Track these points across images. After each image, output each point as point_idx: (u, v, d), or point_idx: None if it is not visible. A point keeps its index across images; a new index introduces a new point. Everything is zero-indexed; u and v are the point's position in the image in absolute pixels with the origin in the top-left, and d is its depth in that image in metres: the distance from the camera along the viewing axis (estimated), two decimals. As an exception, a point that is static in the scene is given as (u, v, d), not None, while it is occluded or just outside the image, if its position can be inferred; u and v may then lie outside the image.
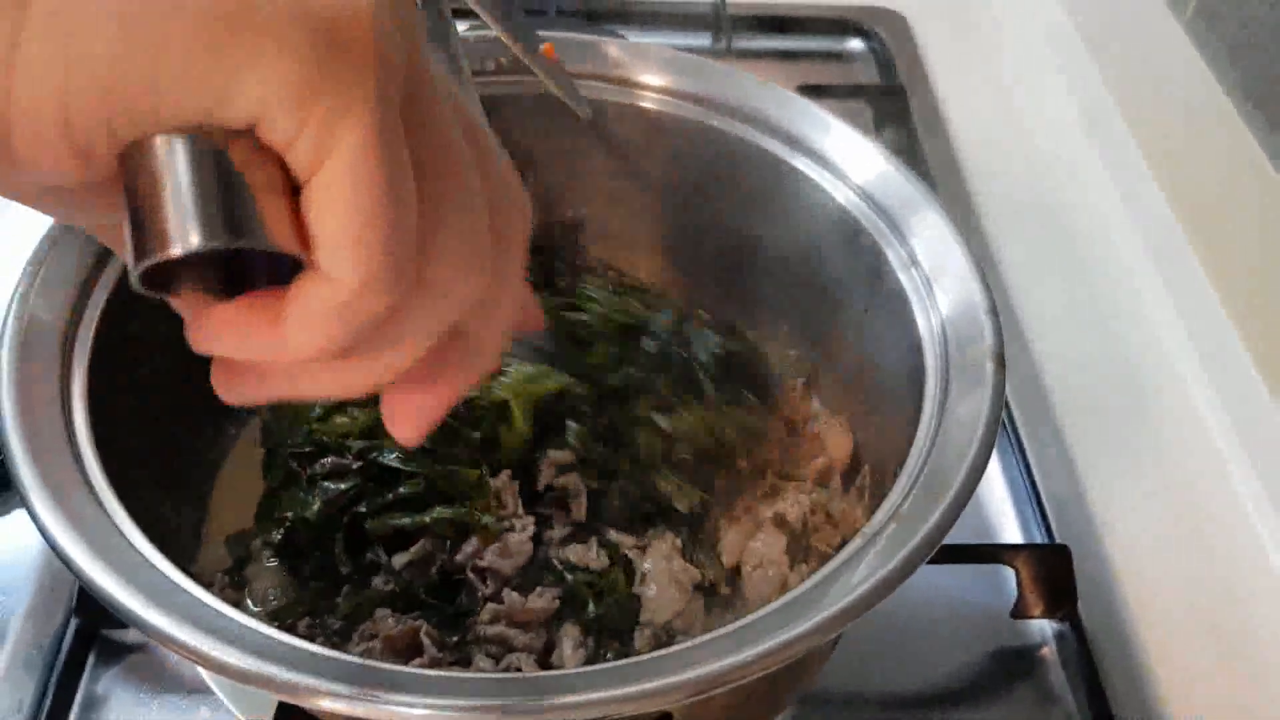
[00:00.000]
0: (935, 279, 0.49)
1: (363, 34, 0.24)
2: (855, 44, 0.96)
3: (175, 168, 0.23)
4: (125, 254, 0.24)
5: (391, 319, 0.26)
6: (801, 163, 0.55)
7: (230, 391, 0.29)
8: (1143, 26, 0.85)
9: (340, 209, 0.24)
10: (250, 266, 0.27)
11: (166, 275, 0.25)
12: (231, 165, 0.24)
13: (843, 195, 0.54)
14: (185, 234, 0.23)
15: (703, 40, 0.93)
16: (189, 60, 0.23)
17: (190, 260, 0.24)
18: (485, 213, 0.27)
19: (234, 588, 0.51)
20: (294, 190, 0.25)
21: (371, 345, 0.27)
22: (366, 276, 0.25)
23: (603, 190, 0.61)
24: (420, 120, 0.25)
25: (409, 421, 0.31)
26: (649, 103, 0.58)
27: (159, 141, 0.23)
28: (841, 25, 0.96)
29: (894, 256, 0.51)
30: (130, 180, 0.24)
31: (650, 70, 0.58)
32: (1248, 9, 0.76)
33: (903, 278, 0.50)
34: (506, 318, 0.30)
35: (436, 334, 0.28)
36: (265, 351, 0.26)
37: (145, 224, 0.24)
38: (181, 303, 0.27)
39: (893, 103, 0.87)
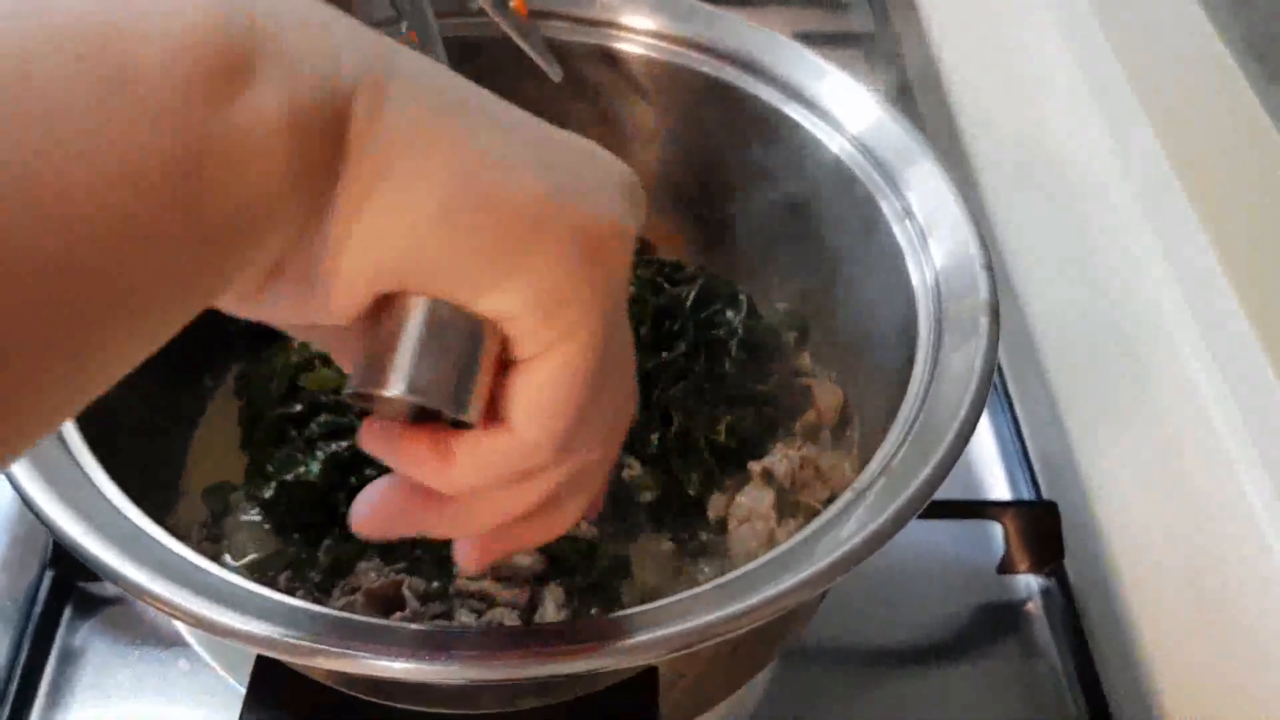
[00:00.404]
0: (930, 232, 0.49)
1: (617, 252, 0.28)
2: (850, -10, 0.95)
3: (417, 324, 0.27)
4: (353, 369, 0.29)
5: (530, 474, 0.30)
6: (795, 111, 0.54)
7: (375, 526, 0.32)
8: (1141, -23, 0.84)
9: (541, 399, 0.28)
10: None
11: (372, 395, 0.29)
12: (463, 337, 0.27)
13: (837, 145, 0.53)
14: (403, 383, 0.27)
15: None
16: (482, 258, 0.26)
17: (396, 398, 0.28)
18: (622, 406, 0.32)
19: (211, 540, 0.50)
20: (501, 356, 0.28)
21: (503, 492, 0.31)
22: (542, 443, 0.29)
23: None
24: (618, 326, 0.29)
25: (480, 555, 0.34)
26: (637, 47, 0.57)
27: (413, 300, 0.27)
28: (836, -29, 0.95)
29: (888, 208, 0.50)
30: (378, 317, 0.28)
31: (639, 13, 0.57)
32: (1248, -40, 0.75)
33: (897, 230, 0.50)
34: (595, 495, 0.34)
35: (552, 494, 0.31)
36: (430, 477, 0.30)
37: (377, 359, 0.28)
38: (375, 414, 0.31)
39: (887, 52, 0.86)
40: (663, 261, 0.59)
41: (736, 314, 0.56)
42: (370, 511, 0.32)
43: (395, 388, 0.27)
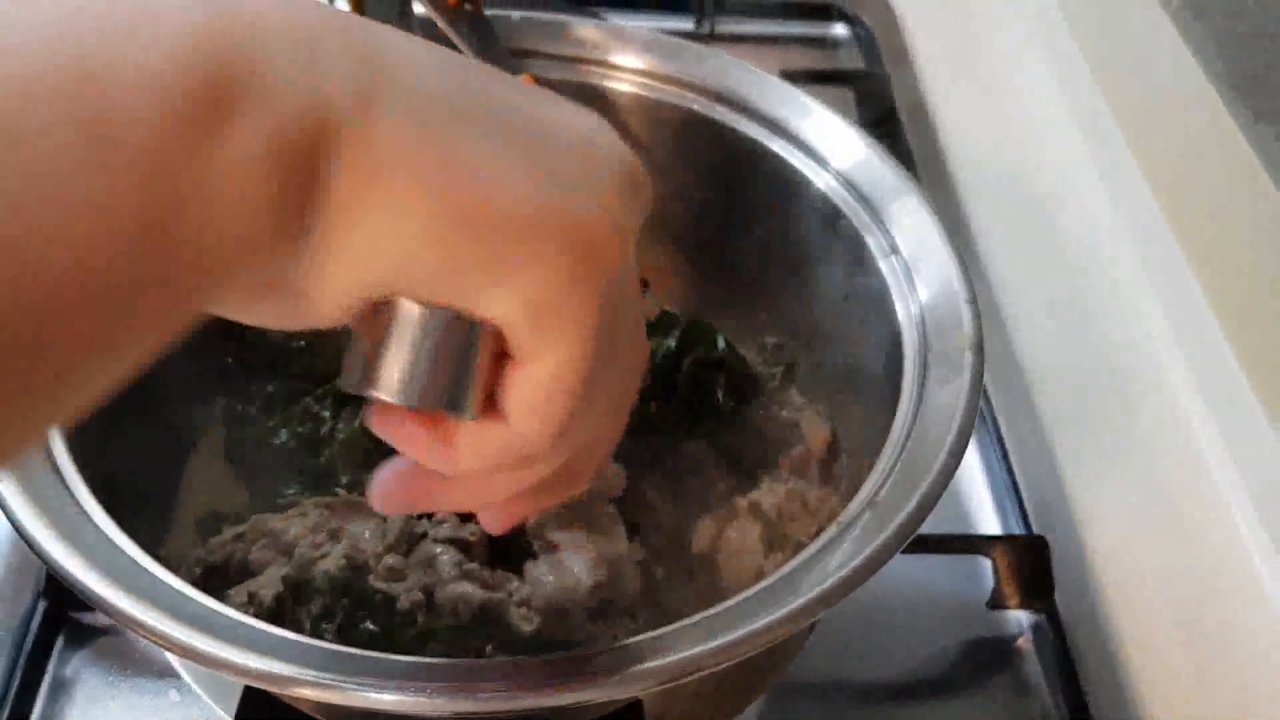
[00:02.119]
0: (915, 267, 0.49)
1: (612, 252, 0.28)
2: (840, 30, 0.96)
3: (410, 329, 0.27)
4: (345, 369, 0.29)
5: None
6: (781, 147, 0.55)
7: (393, 504, 0.34)
8: (1129, 17, 0.85)
9: (537, 399, 0.29)
10: None
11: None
12: (456, 340, 0.28)
13: (823, 181, 0.53)
14: (396, 388, 0.28)
15: (685, 23, 0.92)
16: (472, 267, 0.26)
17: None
18: (634, 384, 0.33)
19: (203, 571, 0.50)
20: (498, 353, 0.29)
21: (506, 472, 0.32)
22: (541, 435, 0.29)
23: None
24: (621, 321, 0.29)
25: (500, 521, 0.36)
26: (626, 85, 0.57)
27: (406, 304, 0.27)
28: (826, 10, 0.96)
29: (874, 244, 0.51)
30: (373, 318, 0.28)
31: (628, 52, 0.57)
32: (1235, 0, 0.76)
33: (883, 266, 0.50)
34: (606, 456, 0.35)
35: (560, 465, 0.32)
36: (433, 462, 0.31)
37: (370, 362, 0.28)
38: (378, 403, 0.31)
39: (876, 90, 0.87)
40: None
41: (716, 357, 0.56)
42: (385, 491, 0.34)
43: (387, 392, 0.28)
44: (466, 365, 0.28)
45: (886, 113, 0.85)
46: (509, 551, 0.50)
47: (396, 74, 0.26)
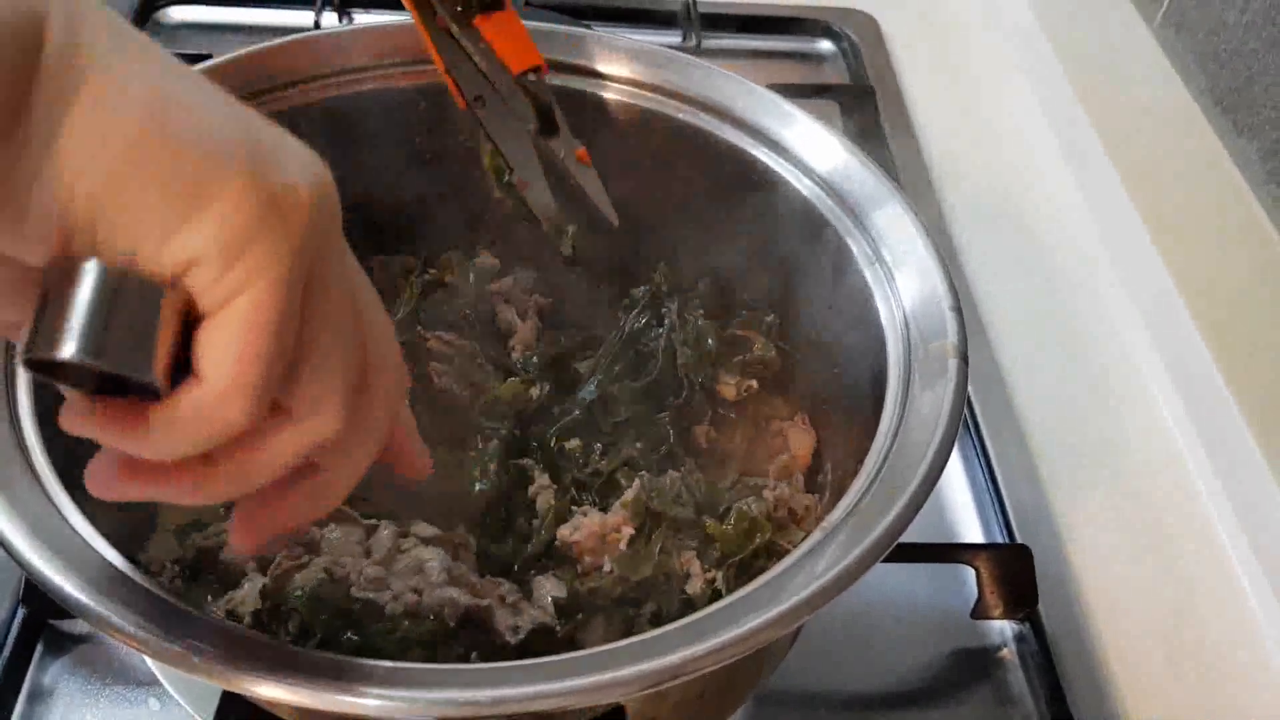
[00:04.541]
0: (899, 274, 0.49)
1: (301, 205, 0.28)
2: (825, 45, 0.96)
3: (90, 286, 0.27)
4: (20, 339, 0.28)
5: (251, 437, 0.30)
6: (765, 155, 0.55)
7: (99, 487, 0.32)
8: (1111, 32, 0.85)
9: (230, 342, 0.28)
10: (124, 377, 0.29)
11: (53, 365, 0.28)
12: (139, 297, 0.27)
13: (806, 188, 0.54)
14: (74, 345, 0.27)
15: (672, 38, 0.93)
16: (171, 193, 0.27)
17: (71, 363, 0.27)
18: (352, 366, 0.31)
19: (184, 578, 0.49)
20: (186, 313, 0.28)
21: (231, 458, 0.30)
22: (232, 392, 0.28)
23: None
24: (321, 282, 0.29)
25: (250, 533, 0.34)
26: (612, 93, 0.58)
27: (86, 263, 0.27)
28: (811, 26, 0.96)
29: (858, 251, 0.51)
30: (49, 280, 0.27)
31: (614, 60, 0.58)
32: (1215, 16, 0.76)
33: (867, 273, 0.50)
34: (357, 467, 0.33)
35: (289, 459, 0.31)
36: (132, 446, 0.30)
37: (48, 324, 0.27)
38: (64, 389, 0.30)
39: (861, 103, 0.87)
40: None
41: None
42: (97, 478, 0.32)
43: (66, 350, 0.27)
44: (150, 322, 0.27)
45: (871, 126, 0.85)
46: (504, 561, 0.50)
47: (115, 20, 0.27)
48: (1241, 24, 0.73)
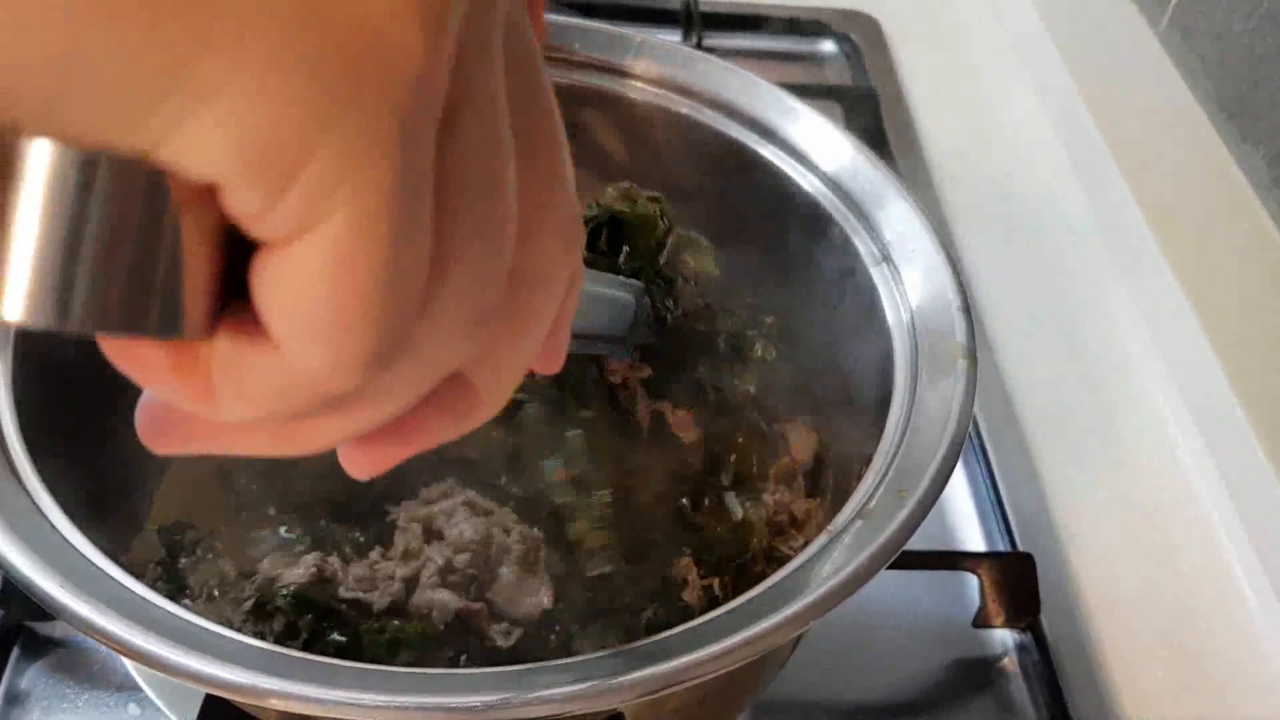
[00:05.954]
0: (906, 274, 0.48)
1: (401, 44, 0.16)
2: (827, 46, 0.96)
3: (57, 191, 0.15)
4: None
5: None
6: (770, 151, 0.54)
7: (156, 440, 0.22)
8: (1115, 36, 0.85)
9: (319, 294, 0.17)
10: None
11: None
12: (144, 209, 0.16)
13: (811, 185, 0.53)
14: (31, 299, 0.16)
15: (673, 37, 0.92)
16: (160, 53, 0.15)
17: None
18: (509, 251, 0.21)
19: (167, 579, 0.48)
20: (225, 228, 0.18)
21: (333, 409, 0.20)
22: (330, 372, 0.18)
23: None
24: (462, 136, 0.18)
25: (366, 464, 0.24)
26: (616, 87, 0.57)
27: (49, 150, 0.15)
28: (814, 27, 0.96)
29: (864, 250, 0.50)
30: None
31: (618, 53, 0.57)
32: (1221, 21, 0.76)
33: (874, 273, 0.49)
34: (519, 367, 0.23)
35: (421, 393, 0.22)
36: (192, 404, 0.20)
37: None
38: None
39: (864, 105, 0.87)
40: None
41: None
42: (148, 423, 0.22)
43: (10, 310, 0.16)
44: (155, 249, 0.16)
45: (873, 128, 0.85)
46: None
47: None
48: (1247, 30, 0.73)
